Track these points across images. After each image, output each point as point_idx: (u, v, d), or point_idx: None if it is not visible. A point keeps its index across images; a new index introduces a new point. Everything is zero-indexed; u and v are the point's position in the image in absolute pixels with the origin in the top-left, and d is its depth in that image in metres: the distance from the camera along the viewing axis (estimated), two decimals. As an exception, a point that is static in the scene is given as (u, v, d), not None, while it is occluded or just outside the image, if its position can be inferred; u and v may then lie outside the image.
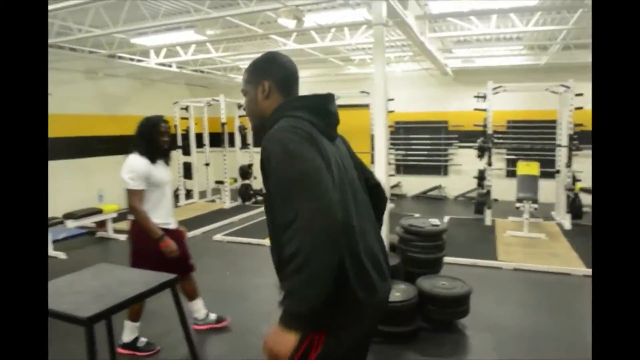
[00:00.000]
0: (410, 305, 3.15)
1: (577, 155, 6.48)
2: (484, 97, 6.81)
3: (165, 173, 3.06)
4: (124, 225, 7.04)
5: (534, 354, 3.07)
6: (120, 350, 3.10)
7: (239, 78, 10.09)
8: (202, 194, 9.55)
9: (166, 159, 3.11)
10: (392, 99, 8.29)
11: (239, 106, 9.31)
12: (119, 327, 2.51)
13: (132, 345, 3.16)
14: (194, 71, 8.92)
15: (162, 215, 3.01)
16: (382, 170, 4.20)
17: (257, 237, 6.09)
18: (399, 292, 3.22)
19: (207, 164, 8.98)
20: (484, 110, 6.82)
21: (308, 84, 9.67)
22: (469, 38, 7.04)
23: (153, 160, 2.96)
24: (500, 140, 8.63)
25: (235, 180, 9.15)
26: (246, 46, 7.51)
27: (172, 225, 3.13)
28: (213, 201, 9.25)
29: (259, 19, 5.67)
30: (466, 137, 9.00)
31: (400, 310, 3.11)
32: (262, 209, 7.84)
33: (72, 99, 7.86)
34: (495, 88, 6.72)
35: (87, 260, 5.11)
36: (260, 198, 9.54)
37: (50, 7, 4.34)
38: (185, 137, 8.91)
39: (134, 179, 2.85)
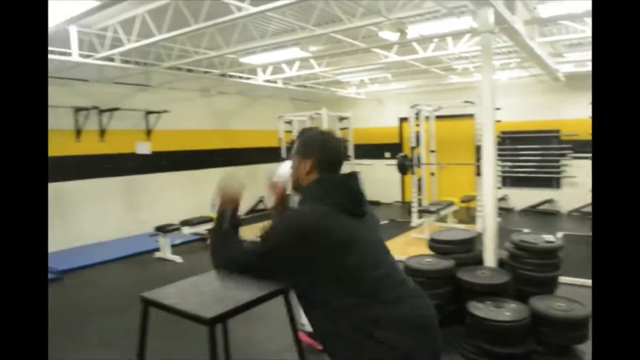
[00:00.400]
0: (522, 326, 2.97)
1: None
2: (603, 103, 6.27)
3: None
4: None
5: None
6: (303, 337, 3.30)
7: (341, 91, 10.32)
8: (304, 205, 9.82)
9: None
10: (498, 108, 7.94)
11: (340, 119, 9.48)
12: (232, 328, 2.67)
13: None
14: (298, 86, 9.26)
15: None
16: (489, 183, 4.03)
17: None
18: (509, 312, 3.06)
19: (308, 176, 9.23)
20: (603, 118, 6.27)
21: (408, 95, 9.62)
22: (582, 41, 6.55)
23: None
24: (622, 151, 7.88)
25: (336, 192, 9.27)
26: (347, 60, 7.65)
27: None
28: (314, 212, 9.46)
29: (361, 33, 5.76)
30: (582, 147, 8.35)
31: (510, 330, 2.96)
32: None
33: (188, 116, 8.56)
34: (616, 94, 6.17)
35: (200, 264, 5.50)
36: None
37: (171, 34, 4.78)
38: (289, 149, 9.21)
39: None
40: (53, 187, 6.29)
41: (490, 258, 3.77)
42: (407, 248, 6.00)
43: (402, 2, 4.62)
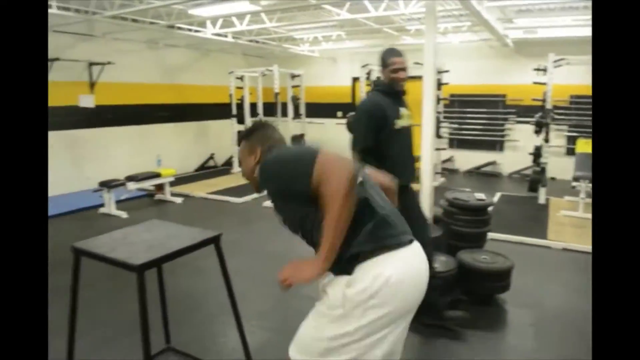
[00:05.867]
0: (449, 277, 3.18)
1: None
2: (545, 70, 6.52)
3: None
4: (180, 189, 7.42)
5: (573, 334, 3.04)
6: None
7: (293, 48, 10.18)
8: (255, 163, 9.80)
9: None
10: (446, 71, 8.11)
11: (292, 77, 9.40)
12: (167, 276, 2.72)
13: None
14: (249, 41, 9.05)
15: None
16: (428, 143, 4.18)
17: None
18: (438, 264, 3.25)
19: (260, 134, 9.14)
20: (544, 84, 6.54)
21: (362, 55, 9.60)
22: (531, 7, 6.71)
23: None
24: (561, 117, 8.26)
25: (287, 150, 9.31)
26: (300, 16, 7.53)
27: None
28: (265, 170, 9.47)
29: (313, -12, 5.66)
30: (525, 112, 8.66)
31: (437, 280, 3.15)
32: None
33: (134, 69, 8.23)
34: (556, 60, 6.42)
35: (146, 219, 5.46)
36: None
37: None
38: (240, 106, 9.11)
39: None
40: (-12, 139, 5.98)
41: (426, 214, 3.94)
42: (352, 206, 6.15)
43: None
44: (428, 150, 4.16)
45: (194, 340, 2.94)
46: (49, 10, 5.48)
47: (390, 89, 2.88)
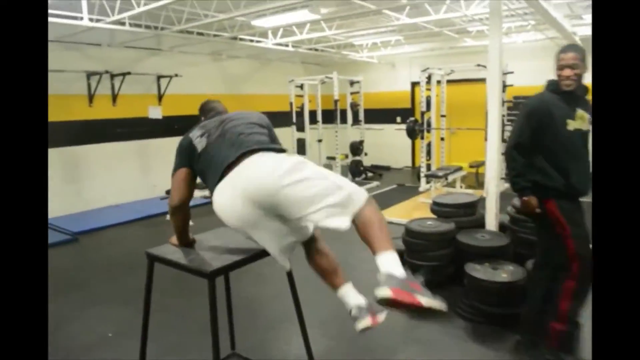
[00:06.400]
0: (517, 288, 3.05)
1: None
2: (618, 68, 6.13)
3: None
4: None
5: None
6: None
7: (352, 55, 10.20)
8: (315, 169, 9.88)
9: None
10: (511, 72, 7.83)
11: (351, 83, 9.42)
12: (234, 281, 2.80)
13: None
14: (309, 50, 9.17)
15: None
16: (494, 148, 4.04)
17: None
18: (505, 274, 3.14)
19: (319, 140, 9.23)
20: (618, 82, 6.15)
21: (421, 59, 9.48)
22: (602, 2, 6.35)
23: None
24: (638, 116, 7.73)
25: (346, 157, 9.34)
26: (359, 22, 7.54)
27: None
28: (324, 176, 9.52)
29: (372, -6, 5.66)
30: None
31: (505, 291, 3.04)
32: (372, 184, 7.75)
33: (199, 80, 8.56)
34: (632, 58, 6.02)
35: (210, 225, 5.64)
36: (370, 174, 9.65)
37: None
38: (299, 114, 9.24)
39: None
40: (67, 152, 6.45)
41: (491, 222, 3.82)
42: (412, 212, 6.06)
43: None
44: (494, 155, 4.02)
45: (258, 347, 3.00)
46: (123, 27, 5.82)
47: (558, 88, 2.69)
